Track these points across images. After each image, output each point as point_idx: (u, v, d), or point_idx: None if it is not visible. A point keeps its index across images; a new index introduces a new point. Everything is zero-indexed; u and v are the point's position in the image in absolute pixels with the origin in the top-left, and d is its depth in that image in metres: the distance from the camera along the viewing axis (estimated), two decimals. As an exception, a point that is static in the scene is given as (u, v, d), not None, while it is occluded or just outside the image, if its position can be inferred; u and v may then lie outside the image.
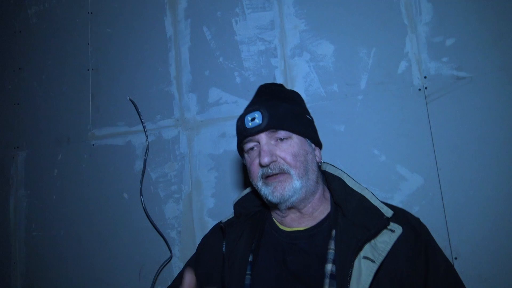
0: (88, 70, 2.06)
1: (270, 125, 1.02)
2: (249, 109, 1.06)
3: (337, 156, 1.59)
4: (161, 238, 1.79)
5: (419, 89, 1.53)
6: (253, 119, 1.03)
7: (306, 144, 1.07)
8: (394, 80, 1.57)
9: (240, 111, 1.74)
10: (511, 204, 1.38)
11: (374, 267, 0.92)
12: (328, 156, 1.59)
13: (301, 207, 1.07)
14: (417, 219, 1.06)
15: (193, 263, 1.22)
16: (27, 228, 2.09)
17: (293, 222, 1.09)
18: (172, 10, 1.95)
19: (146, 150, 1.88)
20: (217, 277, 1.10)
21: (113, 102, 1.98)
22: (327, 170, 1.15)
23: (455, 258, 1.41)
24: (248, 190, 1.21)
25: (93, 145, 1.98)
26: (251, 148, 1.07)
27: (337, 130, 1.61)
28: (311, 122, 1.12)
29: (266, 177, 1.03)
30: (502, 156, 1.41)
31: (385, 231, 0.97)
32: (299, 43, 1.72)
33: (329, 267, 0.96)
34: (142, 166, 1.87)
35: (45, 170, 2.09)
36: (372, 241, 0.96)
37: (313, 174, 1.06)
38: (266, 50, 1.77)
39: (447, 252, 1.41)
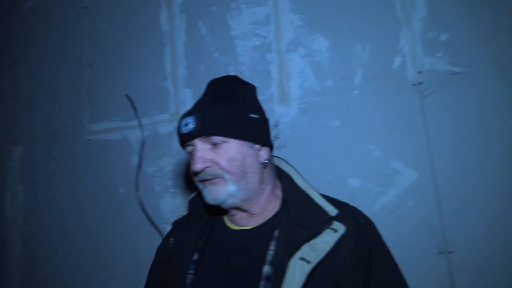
0: (83, 65, 2.06)
1: (202, 131, 1.00)
2: (185, 113, 1.05)
3: (332, 151, 1.60)
4: (158, 233, 1.79)
5: (414, 84, 1.54)
6: (187, 124, 1.01)
7: (245, 147, 1.03)
8: (389, 75, 1.58)
9: (236, 106, 1.75)
10: (507, 198, 1.40)
11: (308, 268, 0.92)
12: (323, 152, 1.60)
13: (246, 208, 1.07)
14: (366, 218, 1.06)
15: (152, 268, 1.23)
16: (24, 223, 2.10)
17: (242, 221, 1.09)
18: (168, 5, 1.94)
19: (142, 145, 1.88)
20: (163, 276, 1.12)
21: (108, 97, 1.98)
22: (280, 166, 1.16)
23: (449, 253, 1.43)
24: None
25: (89, 140, 1.99)
26: (190, 151, 1.06)
27: (332, 125, 1.62)
28: (255, 121, 1.06)
29: (202, 180, 1.04)
30: (497, 151, 1.42)
31: (327, 230, 0.97)
32: (294, 38, 1.72)
33: (266, 268, 0.97)
34: (138, 161, 1.87)
35: (41, 165, 2.09)
36: (312, 241, 0.96)
37: (254, 176, 1.04)
38: (261, 45, 1.77)
39: (441, 247, 1.42)
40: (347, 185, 1.56)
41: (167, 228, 1.78)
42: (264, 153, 1.08)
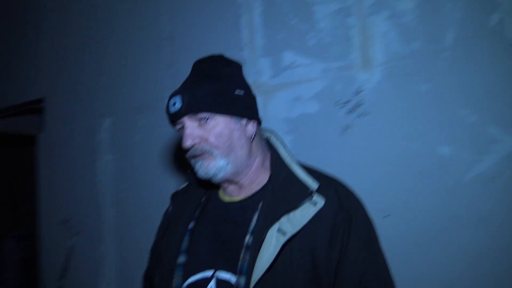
0: (163, 39, 2.13)
1: (188, 109, 1.04)
2: (173, 93, 1.09)
3: (419, 117, 1.52)
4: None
5: (514, 43, 1.40)
6: (174, 104, 1.06)
7: (231, 122, 1.08)
8: (485, 34, 1.44)
9: (315, 73, 1.72)
10: None
11: (283, 240, 0.96)
12: (410, 118, 1.53)
13: (236, 180, 1.12)
14: (348, 192, 1.09)
15: (157, 233, 1.35)
16: (115, 190, 2.26)
17: (234, 192, 1.16)
18: (243, -27, 1.93)
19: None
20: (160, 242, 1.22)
21: (187, 70, 2.03)
22: (270, 139, 1.20)
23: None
24: None
25: (171, 111, 2.07)
26: (179, 128, 1.10)
27: (419, 90, 1.53)
28: (240, 97, 1.10)
29: (193, 156, 1.09)
30: None
31: (307, 204, 1.00)
32: (377, 0, 1.63)
33: (247, 238, 1.03)
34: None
35: (127, 136, 2.23)
36: (291, 214, 0.99)
37: (242, 150, 1.09)
38: (341, 9, 1.70)
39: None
40: (436, 153, 1.48)
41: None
42: (251, 127, 1.12)
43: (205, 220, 1.17)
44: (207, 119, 1.05)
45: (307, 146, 1.73)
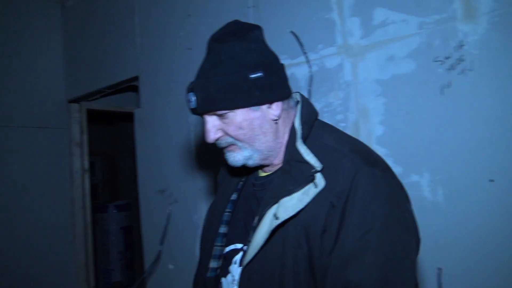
0: (248, 7, 2.13)
1: (203, 109, 1.01)
2: (188, 88, 1.04)
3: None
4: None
5: None
6: (190, 101, 1.02)
7: (250, 112, 1.01)
8: None
9: (410, 29, 1.61)
10: None
11: (274, 224, 0.94)
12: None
13: (269, 162, 1.10)
14: (357, 171, 0.93)
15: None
16: (207, 161, 2.34)
17: (267, 168, 1.14)
18: None
19: (310, 81, 1.89)
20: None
21: (275, 37, 2.01)
22: (297, 106, 1.10)
23: None
24: None
25: (258, 80, 2.09)
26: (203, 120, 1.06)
27: (535, 39, 1.36)
28: (257, 81, 0.99)
29: (221, 148, 1.08)
30: None
31: (309, 186, 0.94)
32: None
33: (256, 217, 1.03)
34: (306, 97, 1.90)
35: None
36: (289, 197, 0.94)
37: (266, 136, 1.04)
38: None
39: None
40: (556, 108, 1.32)
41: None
42: (274, 109, 1.04)
43: (244, 193, 1.20)
44: (224, 113, 1.01)
45: (402, 109, 1.64)
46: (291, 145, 1.04)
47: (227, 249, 1.14)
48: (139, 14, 2.87)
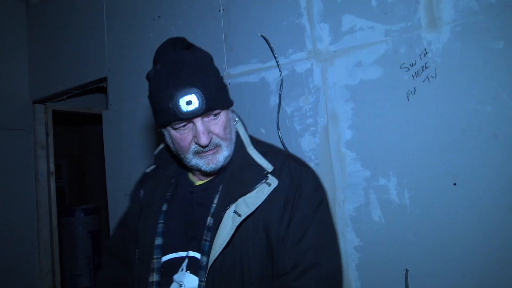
0: (219, 10, 2.13)
1: (208, 108, 1.01)
2: (178, 88, 0.99)
3: (494, 78, 1.42)
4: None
5: None
6: (189, 102, 0.98)
7: (229, 112, 1.11)
8: None
9: (378, 37, 1.65)
10: None
11: (238, 220, 1.01)
12: (483, 79, 1.43)
13: (225, 163, 1.13)
14: (301, 170, 1.10)
15: (126, 214, 1.37)
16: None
17: (202, 176, 1.18)
18: None
19: (281, 85, 1.91)
20: (135, 223, 1.25)
21: (245, 40, 2.03)
22: (235, 119, 1.19)
23: None
24: (162, 145, 1.28)
25: (229, 83, 2.08)
26: (182, 126, 1.04)
27: (494, 48, 1.42)
28: (227, 85, 1.13)
29: (199, 152, 1.07)
30: None
31: (262, 185, 1.04)
32: (446, -48, 1.51)
33: (209, 220, 1.08)
34: (277, 101, 1.91)
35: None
36: (247, 196, 1.03)
37: (233, 137, 1.13)
38: (405, -34, 1.60)
39: None
40: (514, 115, 1.39)
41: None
42: (231, 112, 1.15)
43: (176, 202, 1.20)
44: (217, 113, 1.06)
45: (370, 114, 1.68)
46: (240, 150, 1.13)
47: (165, 258, 1.14)
48: (107, 14, 2.81)
